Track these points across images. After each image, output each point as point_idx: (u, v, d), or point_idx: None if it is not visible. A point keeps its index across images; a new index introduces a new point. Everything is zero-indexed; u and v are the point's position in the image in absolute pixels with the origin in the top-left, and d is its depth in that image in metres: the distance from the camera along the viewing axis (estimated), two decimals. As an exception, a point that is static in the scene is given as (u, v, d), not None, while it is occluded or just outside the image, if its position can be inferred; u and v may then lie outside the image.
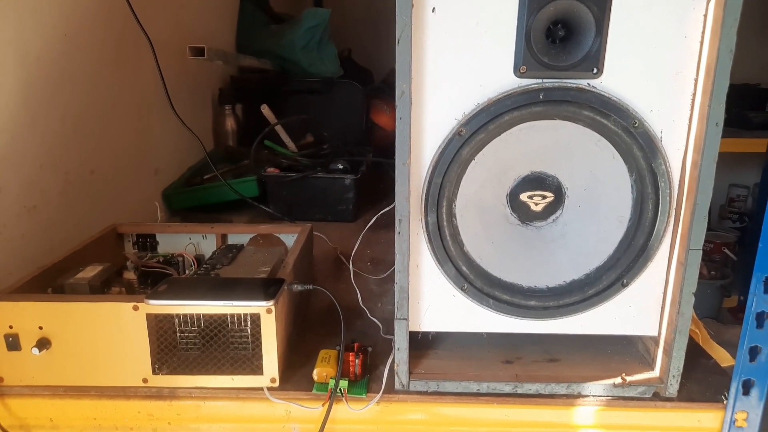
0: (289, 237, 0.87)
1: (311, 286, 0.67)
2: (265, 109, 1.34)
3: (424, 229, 0.59)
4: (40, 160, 0.82)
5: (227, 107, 1.54)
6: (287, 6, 2.23)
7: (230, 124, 1.54)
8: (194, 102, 1.39)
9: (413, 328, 0.62)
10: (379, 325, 0.75)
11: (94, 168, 0.96)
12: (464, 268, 0.60)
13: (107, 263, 0.72)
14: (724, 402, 0.61)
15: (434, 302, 0.62)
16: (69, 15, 0.88)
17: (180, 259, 0.83)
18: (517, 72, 0.55)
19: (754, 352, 0.60)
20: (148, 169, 1.18)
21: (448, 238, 0.59)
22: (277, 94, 1.57)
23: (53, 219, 0.84)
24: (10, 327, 0.60)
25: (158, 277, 0.77)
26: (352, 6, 2.88)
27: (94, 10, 0.94)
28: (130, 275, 0.73)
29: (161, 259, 0.82)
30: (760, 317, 0.59)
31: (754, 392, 0.60)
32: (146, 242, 0.87)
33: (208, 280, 0.69)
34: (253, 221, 1.19)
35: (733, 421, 0.61)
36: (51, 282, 0.68)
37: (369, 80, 2.16)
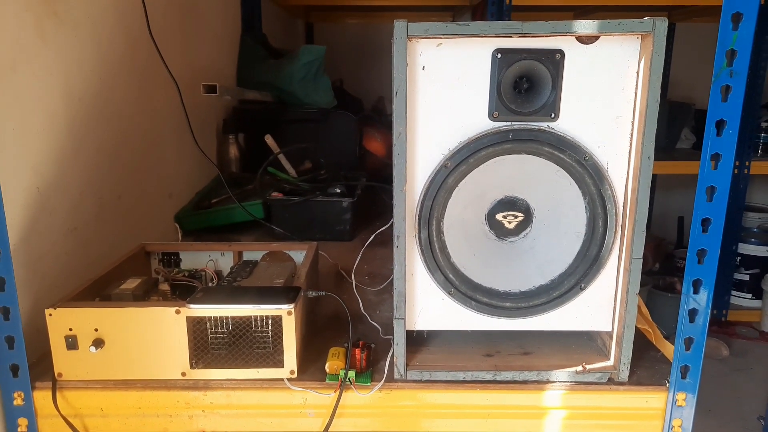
0: (297, 254, 0.99)
1: (324, 293, 0.79)
2: (269, 139, 1.47)
3: (418, 244, 0.71)
4: (81, 187, 0.93)
5: (231, 136, 1.66)
6: (282, 41, 2.38)
7: (233, 151, 1.67)
8: (202, 132, 1.51)
9: (409, 326, 0.74)
10: (379, 328, 0.87)
11: (121, 193, 1.07)
12: (451, 276, 0.73)
13: (144, 276, 0.83)
14: (667, 385, 0.74)
15: (426, 305, 0.74)
16: (103, 60, 1.00)
17: (203, 273, 0.94)
18: (491, 116, 0.68)
19: (689, 343, 0.73)
20: (163, 194, 1.30)
21: (438, 250, 0.72)
22: (277, 123, 1.71)
23: (89, 238, 0.96)
24: (70, 329, 0.71)
25: (185, 289, 0.88)
26: (342, 39, 3.05)
27: (122, 54, 1.07)
28: (164, 287, 0.84)
29: (186, 274, 0.93)
30: (692, 313, 0.72)
31: (690, 376, 0.73)
32: (170, 259, 0.99)
33: (235, 288, 0.80)
34: (259, 240, 1.31)
35: (674, 401, 0.74)
36: (98, 292, 0.79)
37: (359, 108, 2.30)
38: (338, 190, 1.35)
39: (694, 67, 2.88)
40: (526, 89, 0.68)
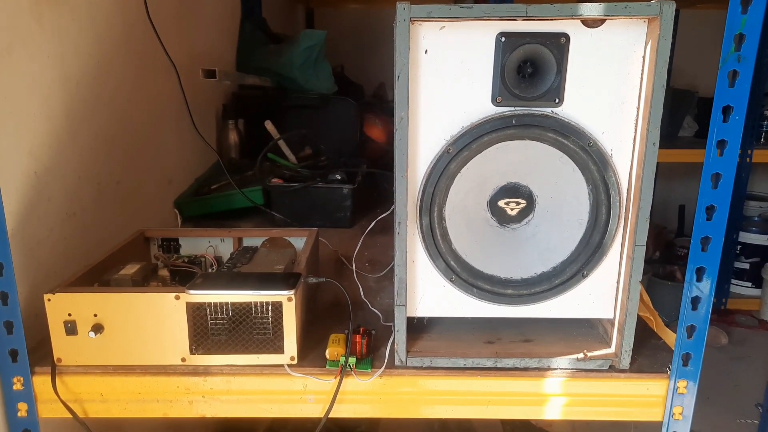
0: (297, 240, 0.98)
1: (324, 279, 0.78)
2: (269, 125, 1.46)
3: (419, 230, 0.71)
4: (79, 173, 0.93)
5: (230, 122, 1.65)
6: (283, 27, 2.35)
7: (233, 137, 1.65)
8: (201, 117, 1.50)
9: (410, 313, 0.74)
10: (379, 314, 0.87)
11: (120, 179, 1.07)
12: (452, 263, 0.72)
13: (144, 262, 0.83)
14: (668, 373, 0.74)
15: (427, 292, 0.74)
16: (101, 43, 0.99)
17: (202, 259, 0.94)
18: (494, 101, 0.67)
19: (691, 331, 0.72)
20: (163, 180, 1.29)
21: (439, 237, 0.71)
22: (277, 109, 1.69)
23: (88, 224, 0.95)
24: (69, 315, 0.71)
25: (184, 275, 0.88)
26: (343, 25, 3.02)
27: (119, 37, 1.05)
28: (163, 272, 0.84)
29: (186, 260, 0.93)
30: (694, 301, 0.71)
31: (692, 364, 0.73)
32: (170, 245, 0.98)
33: (235, 274, 0.80)
34: (259, 226, 1.30)
35: (675, 389, 0.74)
36: (97, 278, 0.79)
37: (360, 95, 2.29)
38: (339, 177, 1.34)
39: (698, 54, 2.86)
40: (530, 74, 0.67)
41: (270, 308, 0.72)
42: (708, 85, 2.76)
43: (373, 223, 1.02)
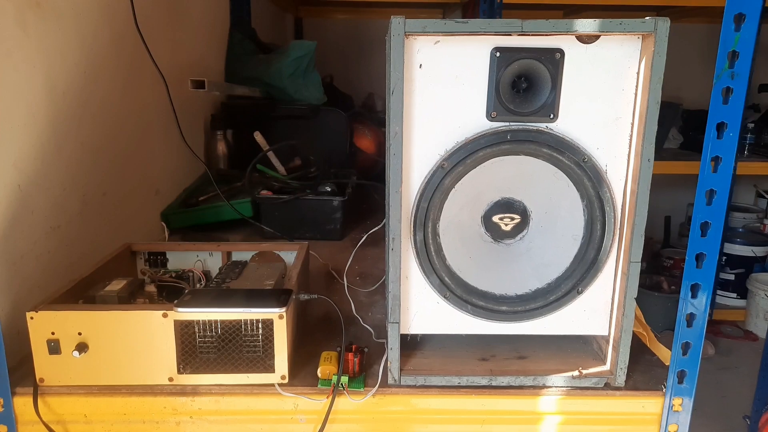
0: (287, 254, 0.97)
1: (316, 296, 0.77)
2: (258, 136, 1.45)
3: (413, 246, 0.70)
4: (64, 184, 0.90)
5: (219, 132, 1.63)
6: (272, 37, 2.35)
7: (222, 148, 1.64)
8: (189, 128, 1.48)
9: (403, 330, 0.73)
10: (371, 330, 0.86)
11: (106, 190, 1.04)
12: (446, 279, 0.71)
13: (130, 278, 0.81)
14: (663, 390, 0.73)
15: (421, 308, 0.73)
16: (88, 53, 0.97)
17: (190, 274, 0.92)
18: (489, 116, 0.67)
19: (686, 348, 0.72)
20: (150, 191, 1.26)
21: (433, 253, 0.70)
22: (266, 120, 1.68)
23: (73, 237, 0.93)
24: (52, 333, 0.69)
25: (172, 290, 0.86)
26: (332, 35, 3.02)
27: (107, 47, 1.04)
28: (150, 288, 0.82)
29: (174, 275, 0.91)
30: (689, 318, 0.71)
31: (687, 381, 0.72)
32: (157, 259, 0.96)
33: (225, 291, 0.78)
34: (248, 239, 1.28)
35: (671, 406, 0.73)
36: (82, 294, 0.76)
37: (350, 105, 2.28)
38: (328, 189, 1.33)
39: (682, 67, 2.90)
40: (524, 89, 0.66)
41: (260, 326, 0.70)
42: (692, 97, 2.79)
43: (365, 237, 1.01)
